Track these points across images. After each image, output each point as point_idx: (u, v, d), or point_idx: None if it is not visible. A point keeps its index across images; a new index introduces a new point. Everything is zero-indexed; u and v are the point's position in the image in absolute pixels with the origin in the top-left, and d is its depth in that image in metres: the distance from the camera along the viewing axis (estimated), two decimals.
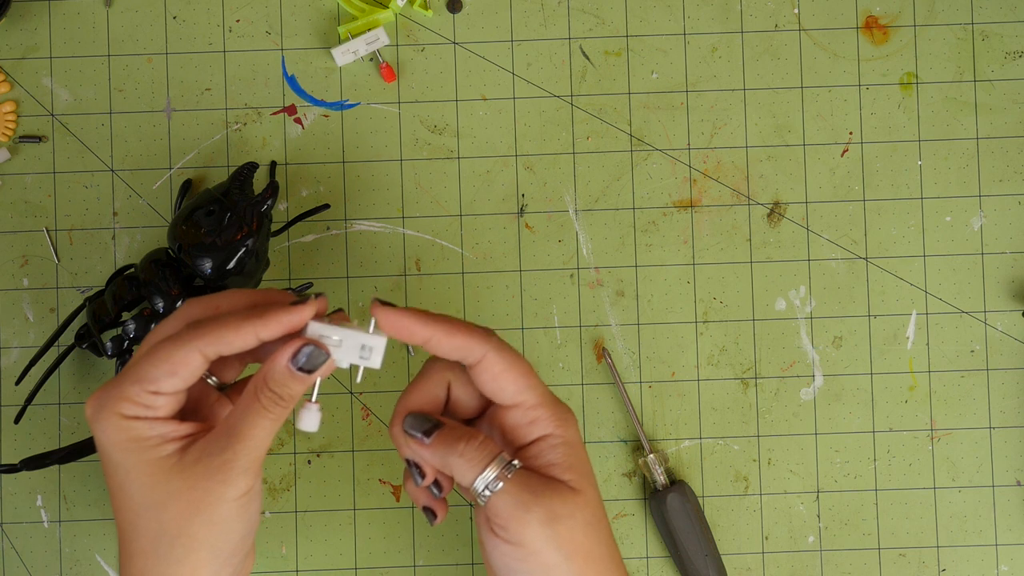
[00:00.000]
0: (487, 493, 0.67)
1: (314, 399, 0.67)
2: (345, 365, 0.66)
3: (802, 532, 0.85)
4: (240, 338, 0.65)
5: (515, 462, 0.68)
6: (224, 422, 0.66)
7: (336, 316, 0.68)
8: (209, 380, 0.70)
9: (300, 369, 0.65)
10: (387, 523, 0.84)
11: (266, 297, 0.68)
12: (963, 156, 0.86)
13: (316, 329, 0.66)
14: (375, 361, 0.66)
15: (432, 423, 0.68)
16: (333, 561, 0.84)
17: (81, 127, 0.85)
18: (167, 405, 0.66)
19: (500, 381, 0.68)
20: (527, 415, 0.69)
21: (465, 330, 0.67)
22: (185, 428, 0.66)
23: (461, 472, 0.68)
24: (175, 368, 0.65)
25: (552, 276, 0.85)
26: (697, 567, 0.82)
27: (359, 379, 0.67)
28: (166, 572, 0.65)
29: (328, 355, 0.65)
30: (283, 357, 0.65)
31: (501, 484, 0.67)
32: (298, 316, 0.66)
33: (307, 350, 0.65)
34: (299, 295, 0.68)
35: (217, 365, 0.70)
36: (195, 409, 0.69)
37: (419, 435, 0.68)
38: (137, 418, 0.65)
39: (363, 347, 0.66)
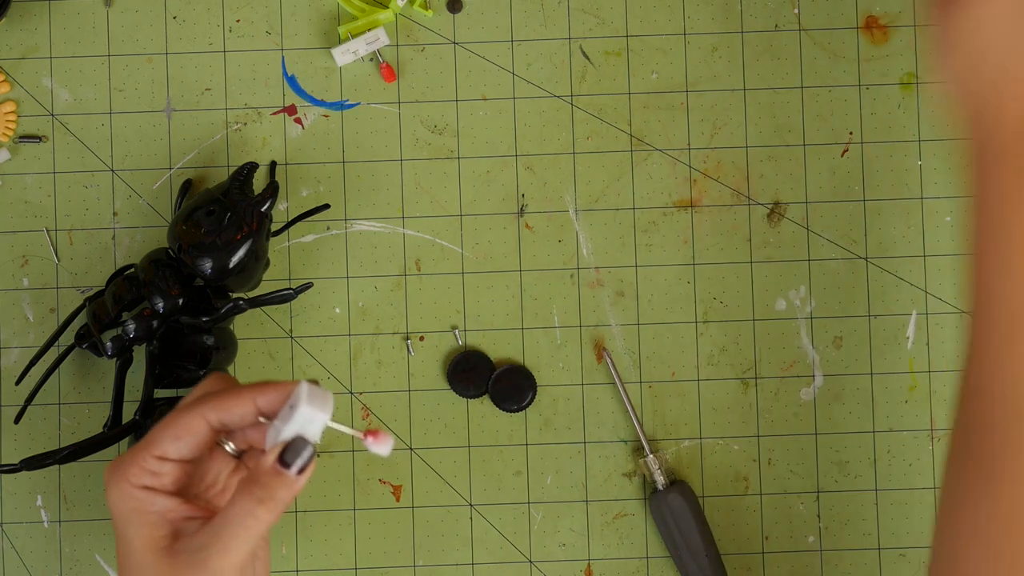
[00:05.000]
0: None
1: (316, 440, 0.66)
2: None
3: (802, 532, 0.85)
4: (240, 404, 0.67)
5: None
6: (215, 518, 0.66)
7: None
8: (226, 446, 0.70)
9: (284, 463, 0.65)
10: (387, 523, 0.84)
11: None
12: (963, 156, 0.85)
13: (305, 397, 0.65)
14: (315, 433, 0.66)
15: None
16: (333, 561, 0.84)
17: (81, 127, 0.85)
18: (172, 474, 0.67)
19: None
20: None
21: None
22: (185, 510, 0.67)
23: None
24: (179, 432, 0.67)
25: (552, 276, 0.85)
26: (697, 567, 0.82)
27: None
28: None
29: (312, 447, 0.66)
30: (270, 456, 0.66)
31: None
32: (293, 387, 0.67)
33: (294, 446, 0.66)
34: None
35: (234, 435, 0.71)
36: (212, 484, 0.70)
37: None
38: (143, 488, 0.67)
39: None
